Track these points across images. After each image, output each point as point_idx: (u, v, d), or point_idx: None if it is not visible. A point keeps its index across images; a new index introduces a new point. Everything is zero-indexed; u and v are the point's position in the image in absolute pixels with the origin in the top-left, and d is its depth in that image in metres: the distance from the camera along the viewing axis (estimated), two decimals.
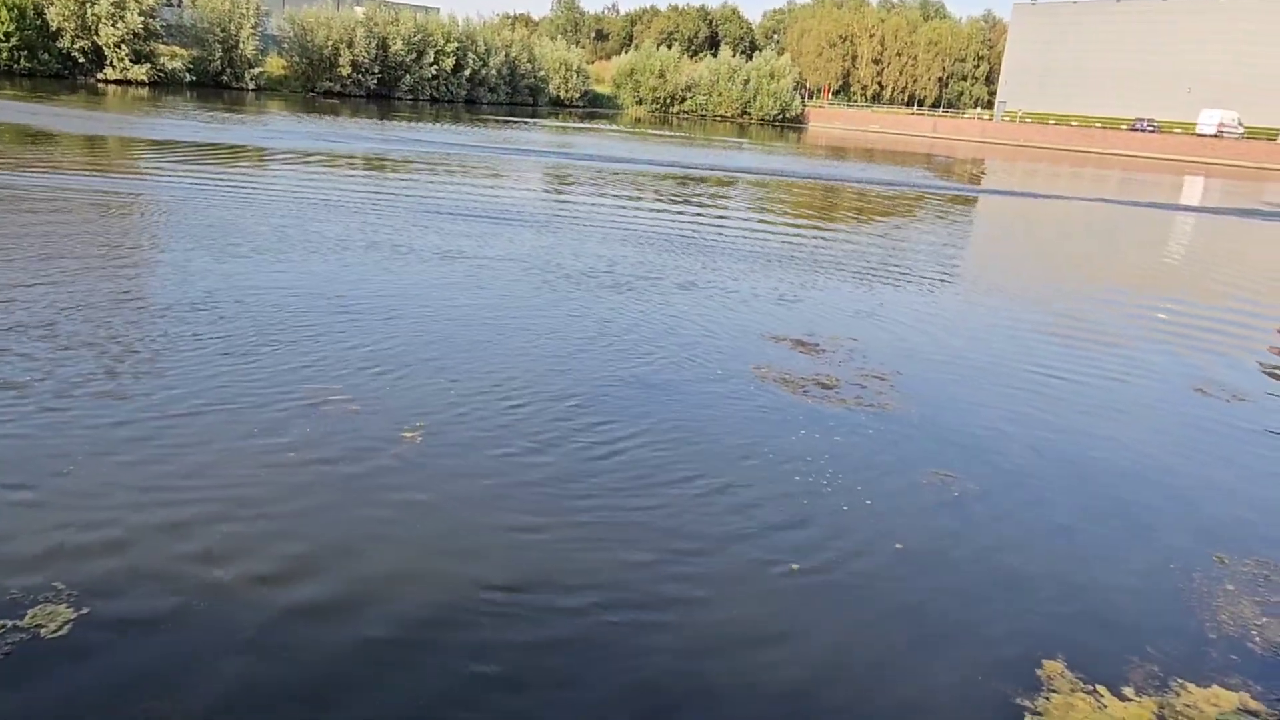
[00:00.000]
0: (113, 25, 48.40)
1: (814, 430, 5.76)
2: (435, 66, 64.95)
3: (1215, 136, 69.20)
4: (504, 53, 70.79)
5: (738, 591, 3.86)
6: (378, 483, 4.56)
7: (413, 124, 38.54)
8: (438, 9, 74.17)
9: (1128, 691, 3.36)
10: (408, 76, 63.78)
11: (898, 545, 4.35)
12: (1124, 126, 75.97)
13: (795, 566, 4.08)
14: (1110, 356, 8.40)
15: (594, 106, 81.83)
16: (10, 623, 3.23)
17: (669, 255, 11.83)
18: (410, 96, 63.90)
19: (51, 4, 47.40)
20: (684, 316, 8.55)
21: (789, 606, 3.79)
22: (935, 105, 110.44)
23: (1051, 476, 5.40)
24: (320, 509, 4.26)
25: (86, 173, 15.61)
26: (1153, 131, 72.53)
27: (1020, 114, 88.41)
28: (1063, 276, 13.64)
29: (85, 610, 3.34)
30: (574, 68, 78.81)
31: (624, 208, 16.83)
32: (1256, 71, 76.78)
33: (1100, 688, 3.37)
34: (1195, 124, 73.22)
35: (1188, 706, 3.30)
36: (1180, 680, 3.46)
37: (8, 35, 46.02)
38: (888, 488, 5.01)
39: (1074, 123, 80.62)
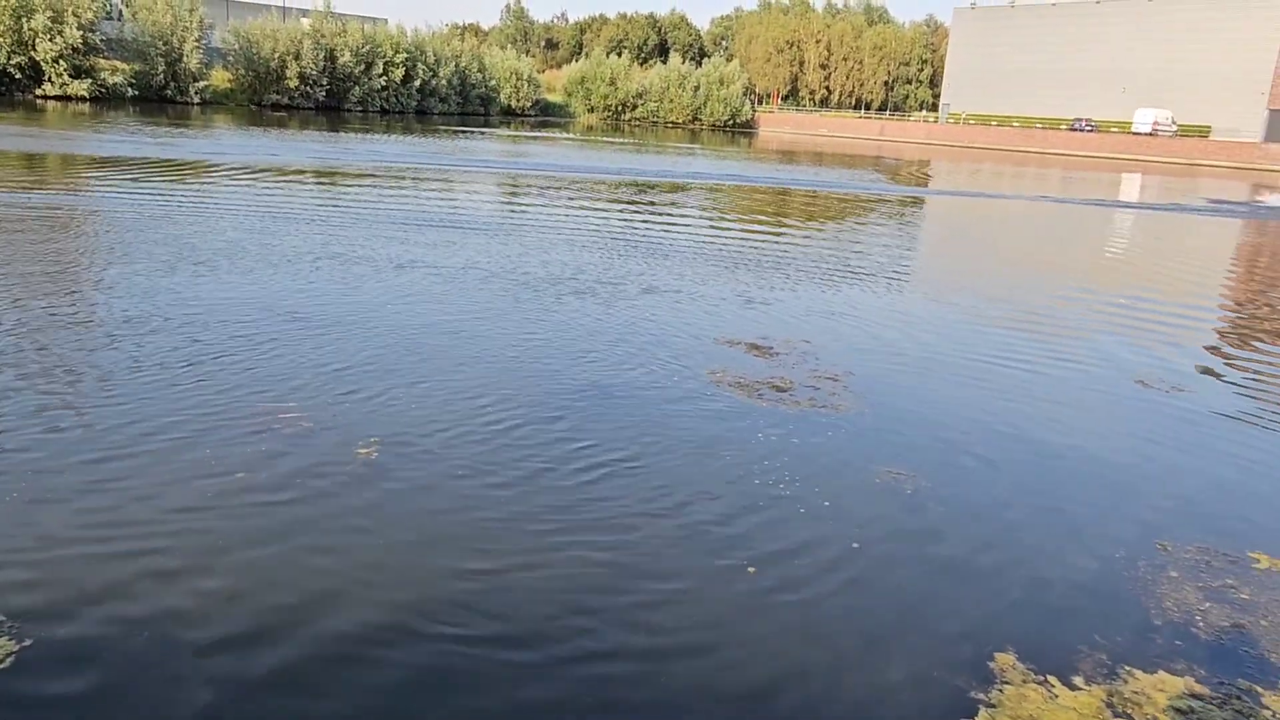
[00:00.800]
0: (50, 40, 47.28)
1: (769, 433, 5.82)
2: (384, 77, 64.46)
3: (1150, 135, 71.21)
4: (454, 63, 70.51)
5: (694, 595, 3.88)
6: (328, 510, 4.50)
7: (364, 135, 38.17)
8: (385, 20, 73.66)
9: (1078, 681, 3.44)
10: (357, 88, 63.20)
11: (854, 545, 4.40)
12: (1063, 126, 77.86)
13: (752, 569, 4.11)
14: (1056, 351, 8.59)
15: (546, 115, 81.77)
16: None
17: (624, 262, 11.86)
18: (360, 108, 63.31)
19: None
20: (640, 322, 8.57)
21: (746, 609, 3.81)
22: (882, 108, 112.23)
23: (1000, 471, 5.51)
24: (268, 539, 4.18)
25: (28, 189, 15.21)
26: (1091, 131, 74.43)
27: (964, 116, 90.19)
28: (1008, 274, 13.93)
29: (28, 642, 3.26)
30: (525, 77, 78.75)
31: (581, 215, 16.83)
32: (1188, 71, 79.16)
33: (1051, 678, 3.44)
34: (1131, 123, 75.30)
35: (1136, 693, 3.39)
36: (1128, 668, 3.55)
37: None
38: (842, 487, 5.07)
39: (1015, 124, 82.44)
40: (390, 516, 4.41)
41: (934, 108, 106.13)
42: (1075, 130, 75.27)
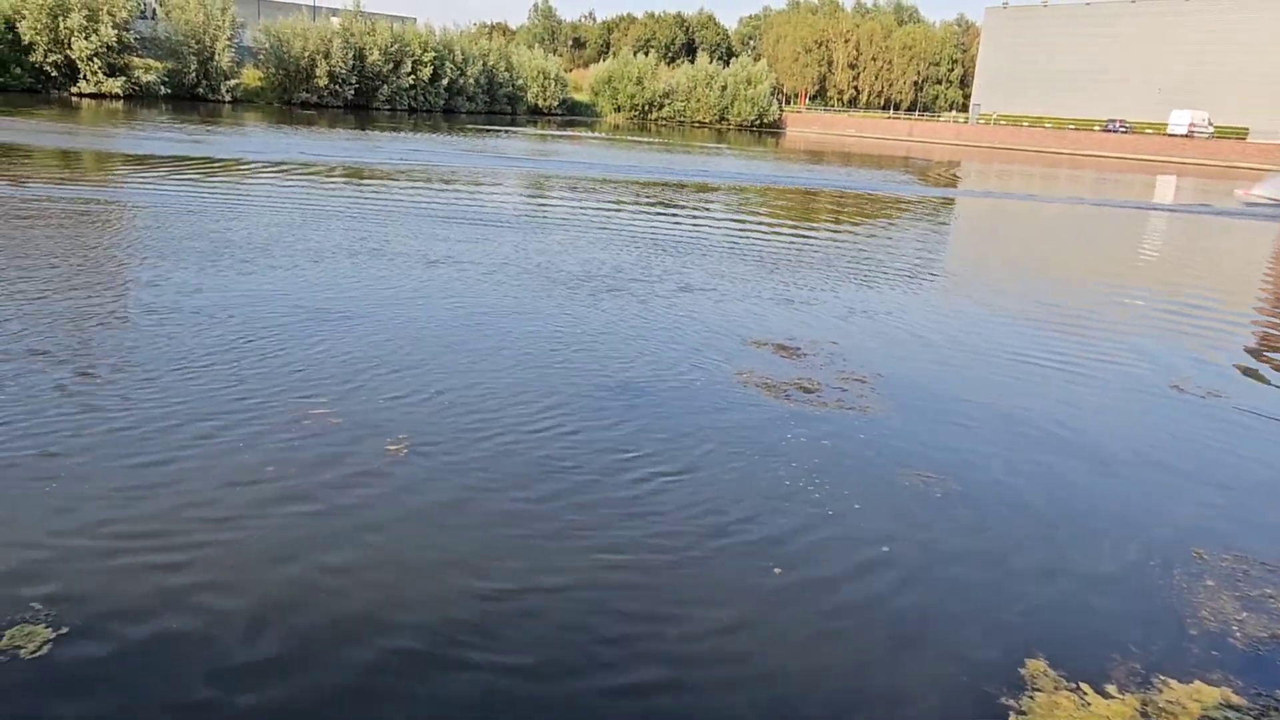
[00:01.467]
0: (85, 38, 48.00)
1: (797, 435, 5.78)
2: (413, 76, 64.86)
3: (1186, 136, 70.17)
4: (481, 62, 70.81)
5: (721, 596, 3.87)
6: (354, 508, 4.53)
7: (394, 134, 38.44)
8: (414, 19, 74.13)
9: (1110, 689, 3.39)
10: (385, 86, 63.64)
11: (883, 549, 4.37)
12: (1097, 128, 76.91)
13: (778, 570, 4.09)
14: (1089, 354, 8.48)
15: (572, 114, 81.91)
16: None
17: (654, 261, 11.85)
18: (388, 106, 63.75)
19: (23, 18, 46.94)
20: (666, 323, 8.56)
21: (772, 610, 3.79)
22: (911, 109, 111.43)
23: (1031, 475, 5.45)
24: (294, 537, 4.21)
25: (67, 184, 15.45)
26: (1125, 132, 73.47)
27: (994, 117, 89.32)
28: (1040, 275, 13.77)
29: (65, 630, 3.31)
30: (552, 76, 78.91)
31: (612, 213, 16.85)
32: (1224, 72, 77.97)
33: (1084, 685, 3.39)
34: (1166, 124, 74.20)
35: (1170, 703, 3.33)
36: (1162, 677, 3.49)
37: None
38: (870, 490, 5.03)
39: (1048, 125, 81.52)
40: (415, 515, 4.42)
41: (964, 108, 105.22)
42: (1109, 131, 74.33)
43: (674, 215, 17.81)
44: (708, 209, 19.70)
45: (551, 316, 8.56)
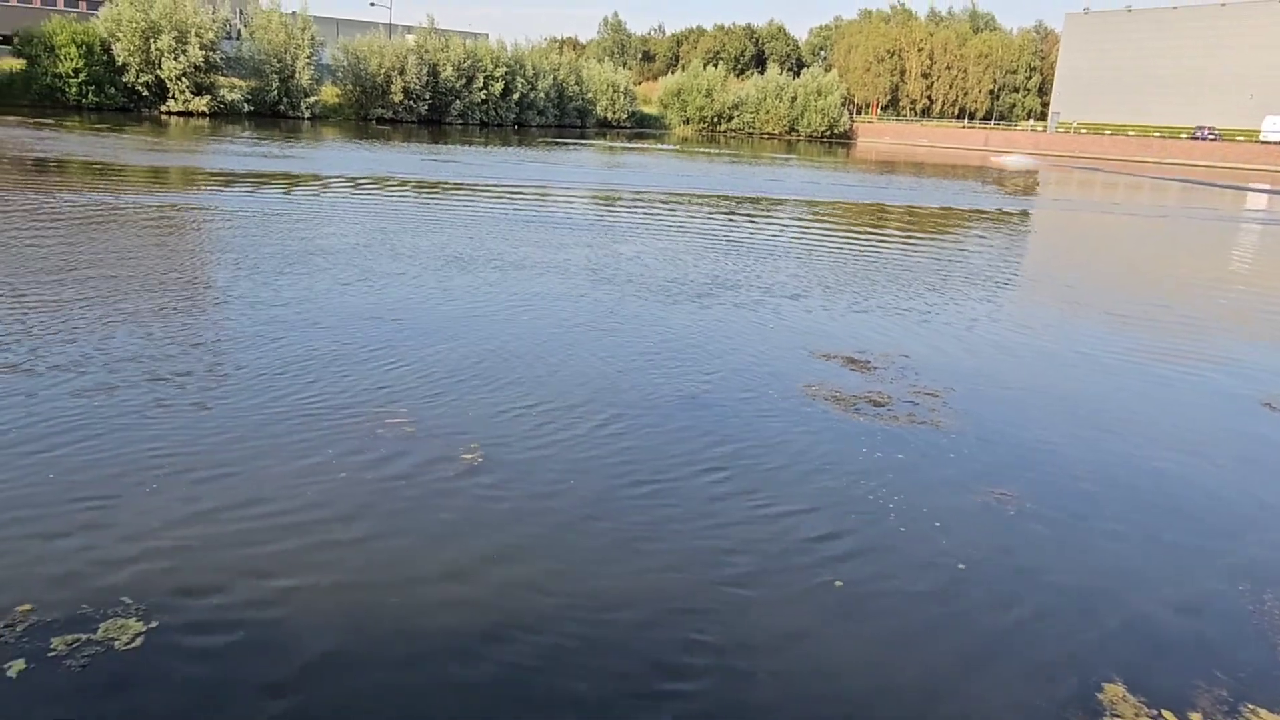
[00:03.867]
0: (175, 59, 50.15)
1: (868, 449, 5.72)
2: (485, 91, 66.07)
3: None
4: (552, 76, 71.77)
5: (788, 609, 3.84)
6: (432, 506, 4.64)
7: (468, 147, 39.19)
8: (486, 35, 75.56)
9: (1194, 717, 3.27)
10: (458, 101, 64.95)
11: (959, 566, 4.28)
12: (1184, 135, 74.22)
13: (839, 583, 4.05)
14: (1173, 371, 8.19)
15: (641, 127, 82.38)
16: (85, 635, 3.35)
17: (720, 273, 11.83)
18: (460, 121, 65.03)
19: (117, 40, 49.35)
20: (736, 334, 8.54)
21: (839, 625, 3.76)
22: (986, 118, 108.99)
23: (1112, 494, 5.28)
24: (367, 540, 4.33)
25: (160, 193, 16.14)
26: (1214, 140, 70.76)
27: (1075, 125, 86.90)
28: (1122, 289, 13.33)
29: (154, 624, 3.46)
30: (621, 89, 79.54)
31: (681, 224, 16.89)
32: None
33: (1165, 713, 3.28)
34: (1259, 131, 71.24)
35: None
36: (1251, 705, 3.35)
37: (76, 71, 48.00)
38: (942, 506, 4.95)
39: (1131, 133, 78.96)
40: (485, 522, 4.50)
41: (1042, 116, 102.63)
42: (1197, 139, 71.65)
43: (744, 227, 17.76)
44: (778, 221, 19.59)
45: (624, 325, 8.62)
